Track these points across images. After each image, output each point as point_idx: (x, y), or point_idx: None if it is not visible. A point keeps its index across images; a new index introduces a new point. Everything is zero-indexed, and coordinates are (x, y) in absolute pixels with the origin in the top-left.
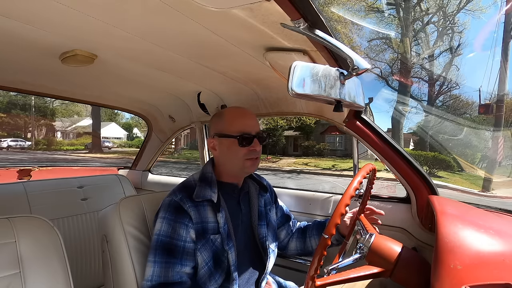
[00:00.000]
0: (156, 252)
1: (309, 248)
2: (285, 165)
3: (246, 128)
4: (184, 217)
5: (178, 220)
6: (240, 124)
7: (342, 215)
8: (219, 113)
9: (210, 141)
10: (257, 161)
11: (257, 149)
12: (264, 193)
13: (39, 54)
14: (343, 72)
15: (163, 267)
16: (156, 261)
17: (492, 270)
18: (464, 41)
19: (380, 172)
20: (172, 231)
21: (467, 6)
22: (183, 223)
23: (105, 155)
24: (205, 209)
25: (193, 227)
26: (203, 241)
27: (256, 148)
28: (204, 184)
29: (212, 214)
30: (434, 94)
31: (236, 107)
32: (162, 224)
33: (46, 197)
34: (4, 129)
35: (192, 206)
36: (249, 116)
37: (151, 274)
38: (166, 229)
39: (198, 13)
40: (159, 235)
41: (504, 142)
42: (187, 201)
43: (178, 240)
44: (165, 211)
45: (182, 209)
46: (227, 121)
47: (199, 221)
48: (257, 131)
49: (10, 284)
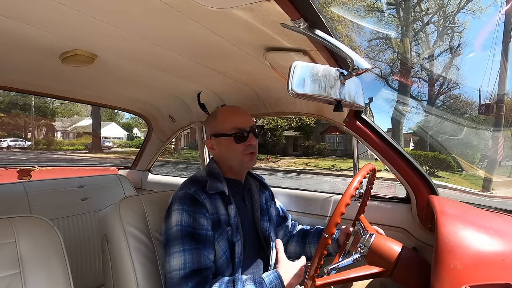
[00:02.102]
0: (183, 241)
1: (308, 254)
2: (285, 165)
3: (239, 124)
4: (202, 208)
5: (197, 210)
6: (233, 121)
7: (343, 215)
8: (213, 114)
9: (207, 141)
10: (254, 155)
11: (253, 143)
12: (264, 190)
13: (39, 54)
14: (343, 72)
15: (194, 253)
16: (186, 249)
17: (492, 270)
18: (464, 41)
19: (380, 172)
20: (193, 221)
21: (467, 6)
22: (201, 213)
23: (105, 155)
24: (217, 202)
25: (210, 217)
26: (220, 230)
27: (252, 142)
28: (213, 178)
29: (223, 206)
30: (434, 94)
31: (229, 106)
32: (182, 216)
33: (46, 197)
34: (4, 129)
35: (206, 198)
36: (241, 113)
37: (183, 262)
38: (187, 220)
39: (198, 13)
40: (182, 225)
41: (504, 142)
42: (201, 193)
43: (200, 229)
44: (182, 203)
45: (198, 201)
46: (220, 120)
47: (215, 211)
48: (251, 125)
49: (10, 284)
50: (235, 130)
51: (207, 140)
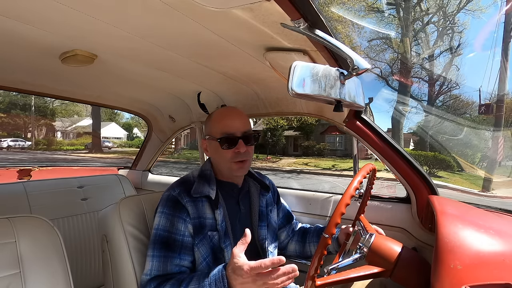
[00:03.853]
0: (154, 247)
1: (308, 253)
2: (285, 165)
3: (229, 129)
4: (182, 212)
5: (176, 214)
6: (222, 125)
7: (343, 215)
8: (210, 114)
9: (203, 142)
10: (245, 163)
11: (241, 151)
12: (265, 192)
13: (39, 54)
14: (343, 72)
15: (161, 261)
16: (155, 255)
17: (492, 270)
18: (464, 41)
19: (380, 172)
20: (170, 226)
21: (467, 6)
22: (181, 217)
23: (105, 155)
24: (203, 205)
25: (191, 222)
26: (201, 236)
27: (240, 149)
28: (202, 180)
29: (210, 210)
30: (434, 94)
31: (227, 107)
32: (161, 219)
33: (46, 197)
34: (4, 129)
35: (189, 201)
36: (234, 116)
37: (150, 268)
38: (164, 224)
39: (198, 13)
40: (158, 229)
41: (504, 142)
42: (185, 196)
43: (176, 235)
44: (163, 206)
45: (180, 204)
46: (213, 122)
47: (196, 216)
48: (243, 131)
49: (10, 284)
50: (222, 135)
51: (203, 140)
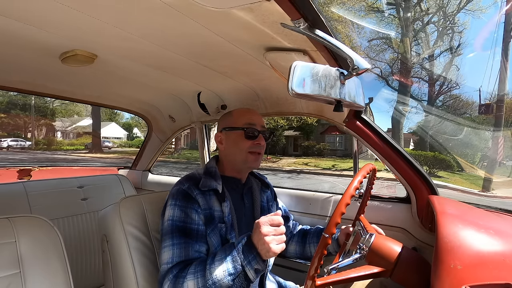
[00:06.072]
0: (173, 235)
1: (308, 254)
2: (285, 165)
3: (252, 121)
4: (194, 203)
5: (189, 206)
6: (247, 118)
7: (343, 214)
8: (228, 112)
9: (217, 135)
10: (259, 156)
11: (261, 143)
12: (266, 189)
13: (39, 54)
14: (343, 72)
15: (182, 247)
16: (175, 243)
17: (492, 270)
18: (464, 41)
19: (380, 172)
20: (185, 216)
21: (467, 6)
22: (193, 208)
23: (105, 155)
24: (211, 198)
25: (202, 212)
26: (212, 226)
27: (260, 142)
28: (208, 176)
29: (218, 203)
30: (434, 94)
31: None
32: (174, 211)
33: (46, 197)
34: (4, 129)
35: (199, 194)
36: (256, 113)
37: (171, 256)
38: (179, 215)
39: (198, 13)
40: (173, 220)
41: (504, 142)
42: (194, 189)
43: (191, 224)
44: (175, 199)
45: (191, 196)
46: (235, 116)
47: (207, 207)
48: (262, 126)
49: (10, 284)
50: (248, 126)
51: (217, 133)
